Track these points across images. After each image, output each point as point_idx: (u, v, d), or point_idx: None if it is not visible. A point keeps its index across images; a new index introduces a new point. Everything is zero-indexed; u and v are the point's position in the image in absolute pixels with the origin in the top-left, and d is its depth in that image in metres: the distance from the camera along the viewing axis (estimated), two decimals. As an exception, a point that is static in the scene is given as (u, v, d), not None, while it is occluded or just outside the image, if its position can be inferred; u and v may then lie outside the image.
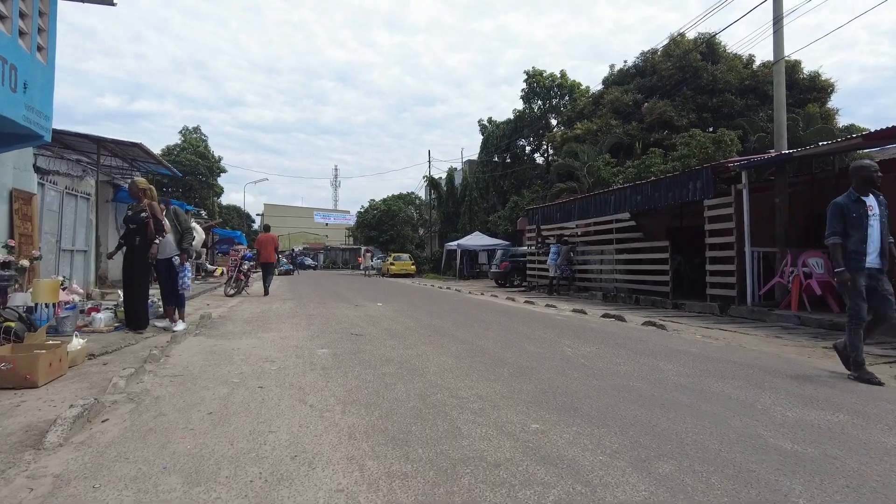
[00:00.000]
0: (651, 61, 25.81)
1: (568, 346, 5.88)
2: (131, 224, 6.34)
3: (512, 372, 4.45)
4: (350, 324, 7.67)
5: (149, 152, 11.81)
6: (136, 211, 6.36)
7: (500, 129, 33.77)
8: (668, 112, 23.05)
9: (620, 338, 6.67)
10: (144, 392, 3.73)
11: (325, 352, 5.38)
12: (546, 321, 8.54)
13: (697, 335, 7.28)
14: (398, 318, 8.42)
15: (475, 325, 7.69)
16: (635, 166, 20.94)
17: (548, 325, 7.89)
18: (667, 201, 12.14)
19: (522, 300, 12.87)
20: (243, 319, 8.29)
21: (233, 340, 6.15)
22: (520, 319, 8.71)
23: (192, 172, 40.31)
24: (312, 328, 7.21)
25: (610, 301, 13.41)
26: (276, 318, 8.42)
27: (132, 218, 6.36)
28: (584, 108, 27.80)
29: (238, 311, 9.60)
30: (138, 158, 13.22)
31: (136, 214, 6.31)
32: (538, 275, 17.77)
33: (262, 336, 6.48)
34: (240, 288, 13.55)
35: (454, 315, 9.26)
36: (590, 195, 15.76)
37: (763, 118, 23.36)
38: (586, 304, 12.14)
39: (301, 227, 71.61)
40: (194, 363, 4.80)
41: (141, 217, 6.27)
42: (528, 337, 6.60)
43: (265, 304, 11.02)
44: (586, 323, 8.46)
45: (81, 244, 10.47)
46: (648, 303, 12.42)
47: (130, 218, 6.39)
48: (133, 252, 6.29)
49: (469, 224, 33.18)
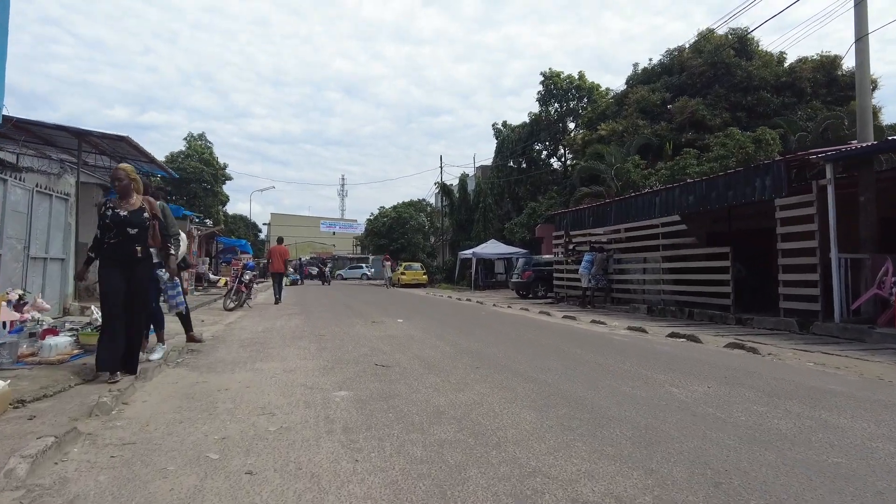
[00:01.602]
0: (678, 59, 24.39)
1: (669, 384, 4.37)
2: (130, 228, 4.49)
3: (633, 438, 2.95)
4: (371, 348, 6.18)
5: (138, 148, 10.47)
6: (132, 210, 4.54)
7: (516, 132, 32.40)
8: (700, 111, 21.59)
9: (718, 368, 5.15)
10: (57, 486, 2.27)
11: (345, 396, 3.90)
12: (606, 344, 7.02)
13: (808, 362, 5.77)
14: (428, 340, 6.92)
15: (525, 350, 6.19)
16: (668, 168, 19.46)
17: (613, 350, 6.37)
18: (725, 202, 10.63)
19: (560, 315, 11.34)
20: (240, 342, 6.83)
21: (222, 375, 4.69)
22: (573, 341, 7.20)
23: (197, 180, 39.21)
24: (325, 355, 5.73)
25: (657, 315, 11.86)
26: (280, 340, 6.96)
27: (129, 220, 4.49)
28: (607, 110, 26.36)
29: (236, 330, 8.16)
30: (128, 156, 11.87)
31: (137, 215, 4.53)
32: (567, 285, 16.23)
33: (260, 368, 5.02)
34: (241, 301, 12.13)
35: (491, 334, 7.76)
36: (630, 196, 14.27)
37: (801, 117, 21.87)
38: (634, 320, 10.60)
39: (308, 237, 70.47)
40: (159, 418, 3.33)
41: (143, 219, 4.56)
42: (604, 368, 5.08)
43: (268, 321, 9.57)
44: (655, 346, 6.93)
45: (58, 251, 9.09)
46: (705, 317, 10.86)
47: (126, 220, 4.50)
48: (132, 268, 4.45)
49: (483, 232, 31.69)
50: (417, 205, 40.60)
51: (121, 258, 4.44)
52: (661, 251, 12.54)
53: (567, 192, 27.10)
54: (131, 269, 4.45)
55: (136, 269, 4.48)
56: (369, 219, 42.19)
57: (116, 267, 4.40)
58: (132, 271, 4.46)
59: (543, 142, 32.11)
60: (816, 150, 9.66)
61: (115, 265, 4.41)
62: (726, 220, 13.54)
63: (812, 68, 22.33)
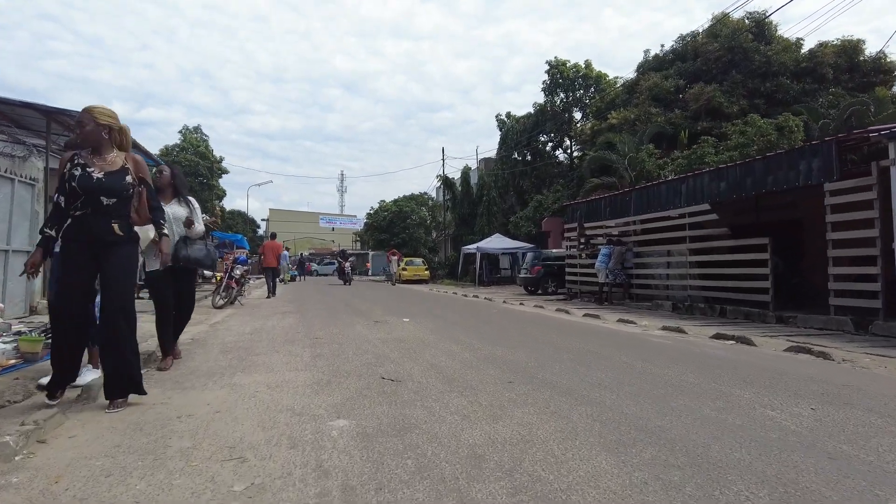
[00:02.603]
0: (692, 44, 23.32)
1: (759, 405, 3.38)
2: (106, 197, 3.21)
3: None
4: (375, 355, 5.19)
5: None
6: (110, 172, 3.26)
7: (521, 123, 31.29)
8: (717, 98, 20.54)
9: (799, 379, 4.17)
10: None
11: (345, 427, 2.91)
12: (647, 347, 6.04)
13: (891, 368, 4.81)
14: (441, 344, 5.93)
15: (559, 357, 5.20)
16: (685, 157, 18.44)
17: (660, 355, 5.39)
18: (763, 188, 9.62)
19: (580, 313, 10.35)
20: (222, 346, 5.84)
21: (189, 393, 3.70)
22: (608, 343, 6.21)
23: (192, 174, 38.14)
24: (320, 364, 4.74)
25: (684, 313, 10.89)
26: (269, 344, 5.96)
27: (105, 185, 3.21)
28: (616, 98, 25.30)
29: (220, 332, 7.17)
30: (108, 141, 10.83)
31: (116, 179, 3.26)
32: (581, 281, 15.24)
33: (239, 382, 4.02)
34: (231, 298, 11.14)
35: (510, 336, 6.78)
36: (651, 185, 13.26)
37: (823, 104, 20.82)
38: (663, 318, 9.63)
39: (307, 233, 69.43)
40: (80, 467, 2.35)
41: (125, 184, 3.30)
42: (665, 381, 4.10)
43: (258, 320, 8.58)
44: (704, 349, 5.95)
45: (22, 242, 8.09)
46: (739, 315, 9.89)
47: (101, 185, 3.20)
48: (107, 254, 3.24)
49: (487, 226, 30.68)
50: (419, 198, 39.54)
51: (90, 238, 3.20)
52: (687, 243, 11.55)
53: (574, 185, 26.08)
54: (105, 256, 3.23)
55: (112, 256, 3.24)
56: (369, 213, 41.12)
57: (83, 251, 3.20)
58: (107, 258, 3.23)
59: (549, 133, 31.02)
60: (877, 127, 8.65)
61: (82, 248, 3.20)
62: (753, 210, 12.59)
63: (833, 53, 21.26)
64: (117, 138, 3.39)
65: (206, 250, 4.67)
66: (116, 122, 3.39)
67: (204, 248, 4.66)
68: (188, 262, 4.54)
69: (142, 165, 3.50)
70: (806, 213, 11.65)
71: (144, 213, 3.54)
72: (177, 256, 4.37)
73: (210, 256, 4.69)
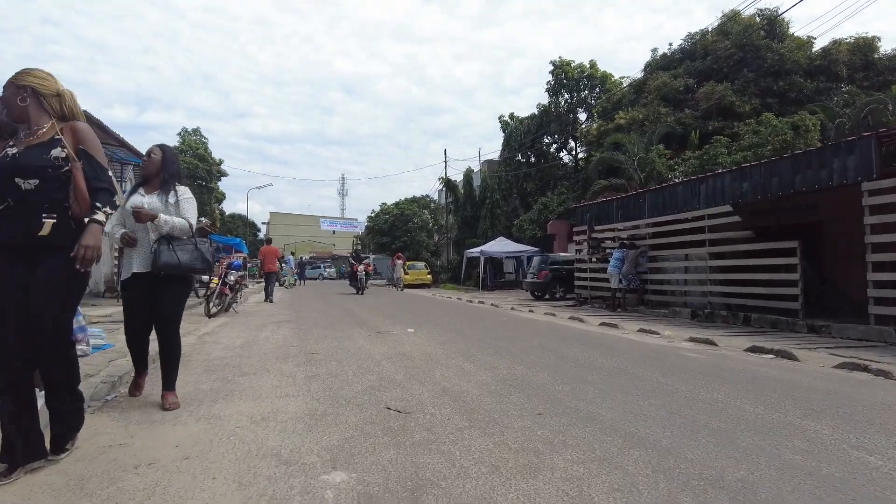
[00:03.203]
0: (702, 43, 22.76)
1: (847, 445, 2.76)
2: (22, 179, 2.39)
3: None
4: (379, 376, 4.57)
5: (98, 124, 8.83)
6: (30, 145, 2.46)
7: (524, 124, 30.71)
8: (729, 97, 19.96)
9: (873, 407, 3.56)
10: None
11: (342, 484, 2.29)
12: (683, 364, 5.42)
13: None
14: (453, 361, 5.30)
15: (589, 378, 4.58)
16: (697, 157, 17.85)
17: (700, 374, 4.77)
18: (792, 187, 8.99)
19: (596, 321, 9.71)
20: (207, 363, 5.22)
21: (156, 429, 3.08)
22: (637, 359, 5.59)
23: (191, 176, 37.60)
24: (315, 388, 4.11)
25: (704, 320, 10.26)
26: (259, 361, 5.34)
27: (18, 162, 2.41)
28: (623, 98, 24.72)
29: (208, 345, 6.55)
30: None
31: (37, 152, 2.44)
32: (591, 286, 14.61)
33: (218, 414, 3.40)
34: (225, 305, 10.52)
35: (528, 350, 6.15)
36: (667, 186, 12.66)
37: (838, 103, 20.24)
38: (685, 327, 9.01)
39: (308, 236, 68.90)
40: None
41: (46, 158, 2.42)
42: (721, 412, 3.48)
43: (252, 331, 7.96)
44: (745, 365, 5.33)
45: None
46: (765, 323, 9.27)
47: (15, 163, 2.41)
48: (34, 266, 2.43)
49: (490, 229, 30.05)
50: (421, 201, 38.96)
51: (13, 242, 2.38)
52: (707, 246, 10.92)
53: (580, 187, 25.50)
54: (32, 268, 2.39)
55: (38, 268, 2.38)
56: (370, 216, 40.50)
57: (6, 261, 2.38)
58: (32, 271, 2.39)
59: (553, 134, 30.44)
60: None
61: (5, 258, 2.39)
62: (773, 212, 11.94)
63: (848, 51, 20.70)
64: (55, 106, 2.54)
65: (198, 252, 3.64)
66: (46, 84, 2.52)
67: (194, 248, 3.63)
68: (173, 268, 3.49)
69: (83, 134, 2.54)
70: (828, 215, 11.06)
71: (83, 197, 2.44)
72: (157, 262, 3.47)
73: (203, 259, 3.67)
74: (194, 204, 3.79)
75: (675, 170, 18.48)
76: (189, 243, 3.63)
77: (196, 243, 3.67)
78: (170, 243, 3.53)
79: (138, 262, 3.58)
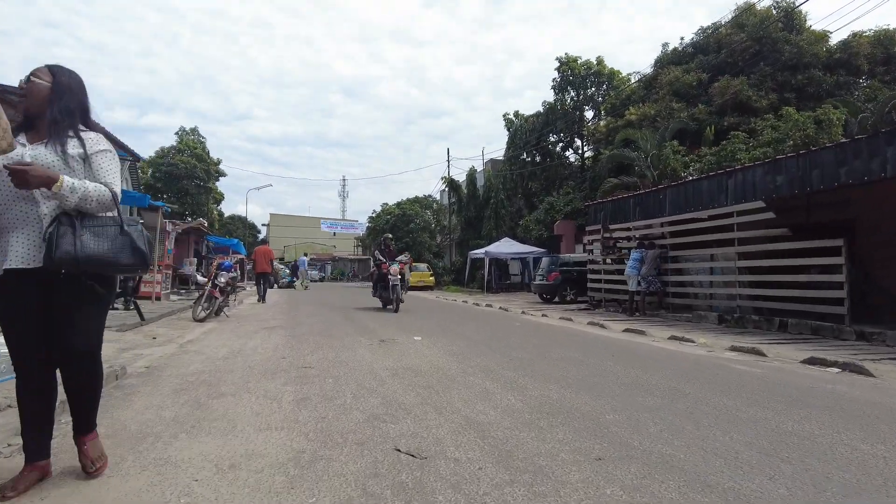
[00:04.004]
0: (715, 36, 21.95)
1: None
2: None
3: None
4: (384, 399, 3.75)
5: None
6: None
7: (529, 122, 29.90)
8: (745, 91, 19.14)
9: None
10: None
11: None
12: (740, 382, 4.60)
13: None
14: (471, 379, 4.48)
15: (639, 402, 3.77)
16: (714, 154, 17.03)
17: (768, 395, 3.96)
18: (837, 180, 8.18)
19: (618, 327, 8.89)
20: (180, 380, 4.40)
21: (82, 491, 2.26)
22: (685, 375, 4.77)
23: (189, 176, 36.81)
24: (303, 418, 3.30)
25: (734, 326, 9.45)
26: (242, 377, 4.53)
27: None
28: (633, 94, 23.90)
29: (189, 355, 5.73)
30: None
31: None
32: (606, 288, 13.79)
33: (175, 459, 2.59)
34: (214, 308, 9.71)
35: (554, 364, 5.34)
36: (689, 181, 11.87)
37: (859, 97, 19.43)
38: (715, 332, 8.21)
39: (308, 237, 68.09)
40: None
41: None
42: (821, 448, 2.68)
43: (240, 339, 7.14)
44: (815, 382, 4.52)
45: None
46: (805, 329, 8.46)
47: None
48: None
49: (495, 229, 29.23)
50: (423, 201, 38.12)
51: None
52: (735, 246, 10.10)
53: (587, 186, 24.70)
54: None
55: None
56: (371, 216, 39.67)
57: None
58: None
59: (559, 132, 29.63)
60: None
61: None
62: (804, 209, 11.12)
63: (868, 44, 19.89)
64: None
65: (125, 238, 2.27)
66: None
67: (119, 233, 2.27)
68: (83, 262, 2.14)
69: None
70: (861, 212, 10.26)
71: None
72: (54, 252, 2.09)
73: (133, 249, 2.28)
74: (115, 160, 2.40)
75: (689, 167, 17.68)
76: (111, 224, 2.26)
77: (122, 224, 2.29)
78: (75, 223, 2.17)
79: (17, 252, 2.17)
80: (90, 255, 2.14)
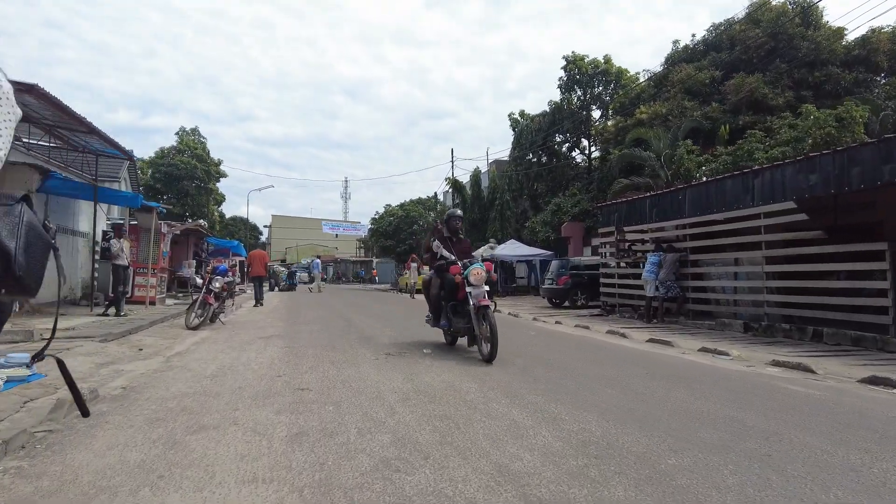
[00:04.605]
0: (727, 33, 21.34)
1: None
2: None
3: None
4: (395, 438, 3.14)
5: (58, 104, 7.46)
6: None
7: (535, 122, 29.29)
8: (760, 89, 18.53)
9: None
10: None
11: None
12: (811, 410, 3.99)
13: None
14: (495, 407, 3.87)
15: (699, 437, 3.17)
16: (729, 153, 16.41)
17: (846, 427, 3.36)
18: (880, 178, 7.54)
19: (640, 337, 8.28)
20: (158, 405, 3.81)
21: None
22: (734, 398, 4.17)
23: (189, 177, 36.33)
24: (297, 464, 2.70)
25: (762, 334, 8.85)
26: (229, 402, 3.93)
27: None
28: (643, 93, 23.29)
29: (174, 371, 5.14)
30: (60, 124, 8.93)
31: None
32: (620, 293, 13.17)
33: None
34: (208, 315, 9.13)
35: (592, 387, 4.73)
36: (711, 181, 11.23)
37: (879, 95, 18.79)
38: (745, 342, 7.62)
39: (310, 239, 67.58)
40: None
41: None
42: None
43: (233, 351, 6.55)
44: (890, 407, 3.91)
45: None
46: (844, 339, 7.85)
47: None
48: None
49: (500, 231, 28.66)
50: (426, 203, 37.53)
51: None
52: (763, 249, 9.48)
53: (595, 187, 24.08)
54: None
55: None
56: (374, 218, 39.11)
57: None
58: None
59: (565, 133, 29.03)
60: None
61: None
62: (831, 211, 10.48)
63: (888, 40, 19.25)
64: None
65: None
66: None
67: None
68: None
69: None
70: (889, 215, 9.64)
71: None
72: None
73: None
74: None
75: (703, 167, 17.07)
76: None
77: (9, 205, 1.61)
78: None
79: None
80: None
